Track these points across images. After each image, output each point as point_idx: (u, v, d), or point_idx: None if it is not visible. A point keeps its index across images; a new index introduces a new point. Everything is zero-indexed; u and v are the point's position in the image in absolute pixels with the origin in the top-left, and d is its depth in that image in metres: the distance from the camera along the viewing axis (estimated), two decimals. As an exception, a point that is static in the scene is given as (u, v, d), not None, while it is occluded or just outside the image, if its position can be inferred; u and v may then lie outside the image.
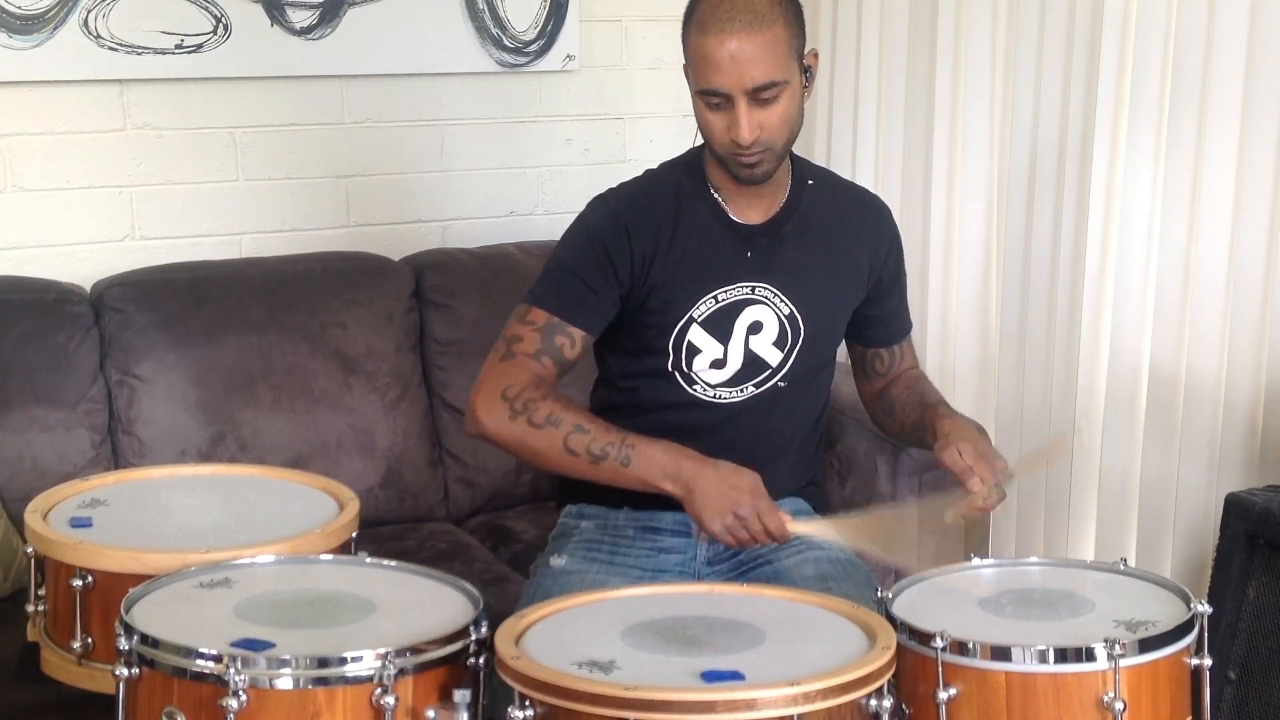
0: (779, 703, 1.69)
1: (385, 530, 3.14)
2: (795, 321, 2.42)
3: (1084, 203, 3.04)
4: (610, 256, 2.36)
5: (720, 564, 2.46)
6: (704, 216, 2.40)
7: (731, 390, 2.44)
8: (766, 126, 2.26)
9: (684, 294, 2.39)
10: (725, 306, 2.40)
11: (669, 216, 2.39)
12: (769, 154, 2.29)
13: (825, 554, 2.43)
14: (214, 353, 3.15)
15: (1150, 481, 3.00)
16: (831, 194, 2.51)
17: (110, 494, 2.31)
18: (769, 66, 2.22)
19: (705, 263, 2.39)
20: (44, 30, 3.18)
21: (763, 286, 2.41)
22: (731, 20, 2.21)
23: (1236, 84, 2.75)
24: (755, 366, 2.43)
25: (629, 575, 2.38)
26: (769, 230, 2.42)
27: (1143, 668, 1.88)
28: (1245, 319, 2.79)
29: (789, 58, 2.25)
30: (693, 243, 2.39)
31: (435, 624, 1.87)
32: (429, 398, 3.34)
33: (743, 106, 2.23)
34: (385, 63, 3.52)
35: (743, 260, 2.40)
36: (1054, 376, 3.17)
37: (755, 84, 2.22)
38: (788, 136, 2.31)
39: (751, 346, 2.42)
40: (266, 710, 1.76)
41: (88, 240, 3.32)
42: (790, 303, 2.42)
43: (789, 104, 2.27)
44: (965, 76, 3.31)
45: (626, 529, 2.47)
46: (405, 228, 3.63)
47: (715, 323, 2.40)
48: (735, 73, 2.21)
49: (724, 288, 2.39)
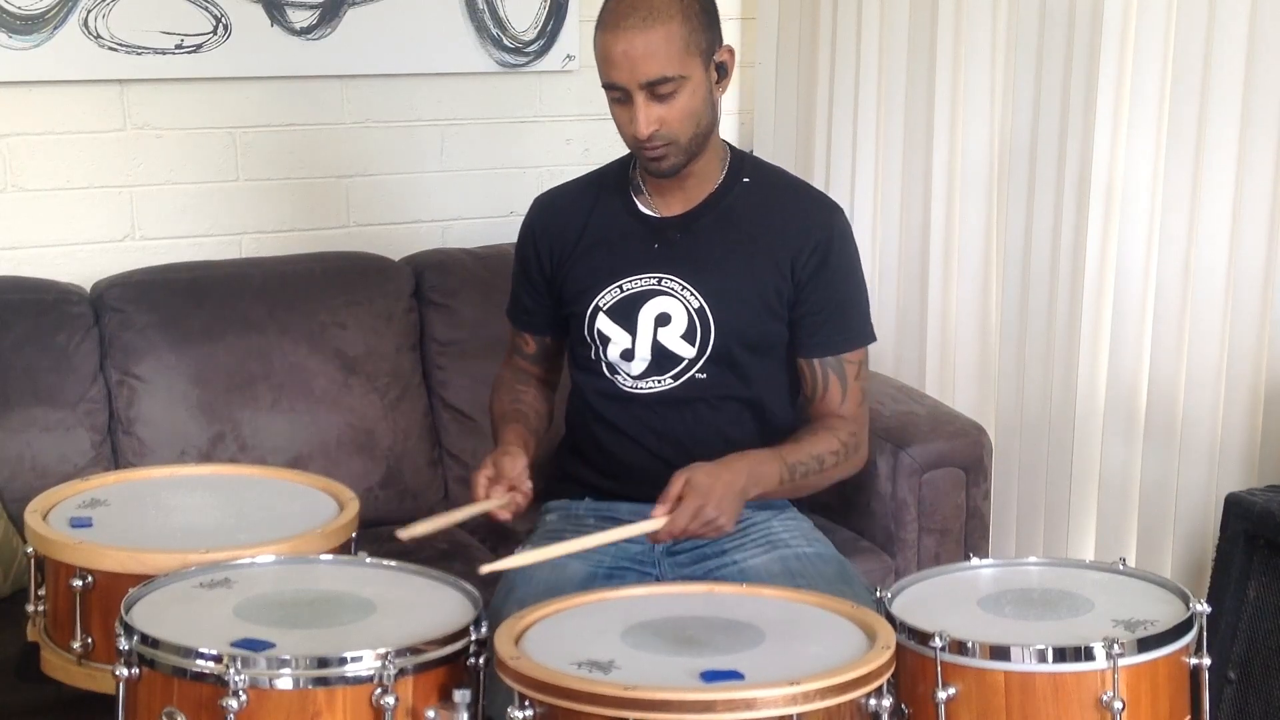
0: (778, 702, 1.69)
1: (385, 530, 3.14)
2: (705, 315, 2.43)
3: (1084, 203, 3.04)
4: (525, 264, 2.57)
5: (679, 555, 2.47)
6: (617, 209, 2.49)
7: (650, 381, 2.47)
8: (666, 121, 2.31)
9: (591, 283, 2.47)
10: (630, 296, 2.45)
11: (582, 212, 2.51)
12: (673, 147, 2.35)
13: (793, 550, 2.43)
14: (214, 353, 3.15)
15: (1150, 481, 3.00)
16: (768, 192, 2.49)
17: (110, 494, 2.32)
18: (662, 62, 2.28)
19: (612, 254, 2.47)
20: (44, 30, 3.18)
21: (669, 278, 2.44)
22: (626, 17, 2.28)
23: (1236, 83, 2.75)
24: (667, 359, 2.45)
25: (588, 561, 2.42)
26: (681, 224, 2.46)
27: (1142, 667, 1.88)
28: (1245, 319, 2.79)
29: (686, 54, 2.30)
30: (602, 234, 2.49)
31: (435, 624, 1.87)
32: (429, 398, 3.34)
33: (639, 101, 2.30)
34: (385, 63, 3.52)
35: (649, 251, 2.45)
36: (1054, 376, 3.17)
37: (648, 79, 2.28)
38: (693, 131, 2.35)
39: (660, 339, 2.44)
40: (266, 710, 1.76)
41: (88, 240, 3.32)
42: (700, 296, 2.43)
43: (690, 99, 2.32)
44: (965, 76, 3.31)
45: (587, 518, 2.52)
46: (405, 228, 3.63)
47: (620, 312, 2.45)
48: (628, 68, 2.28)
49: (629, 278, 2.45)
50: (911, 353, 3.53)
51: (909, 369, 3.51)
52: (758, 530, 2.47)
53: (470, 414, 3.29)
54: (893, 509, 3.06)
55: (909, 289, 3.52)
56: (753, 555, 2.43)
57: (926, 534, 3.06)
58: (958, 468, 3.08)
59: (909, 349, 3.53)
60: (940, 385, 3.46)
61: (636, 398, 2.47)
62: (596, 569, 2.41)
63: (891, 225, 3.55)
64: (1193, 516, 2.91)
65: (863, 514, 3.11)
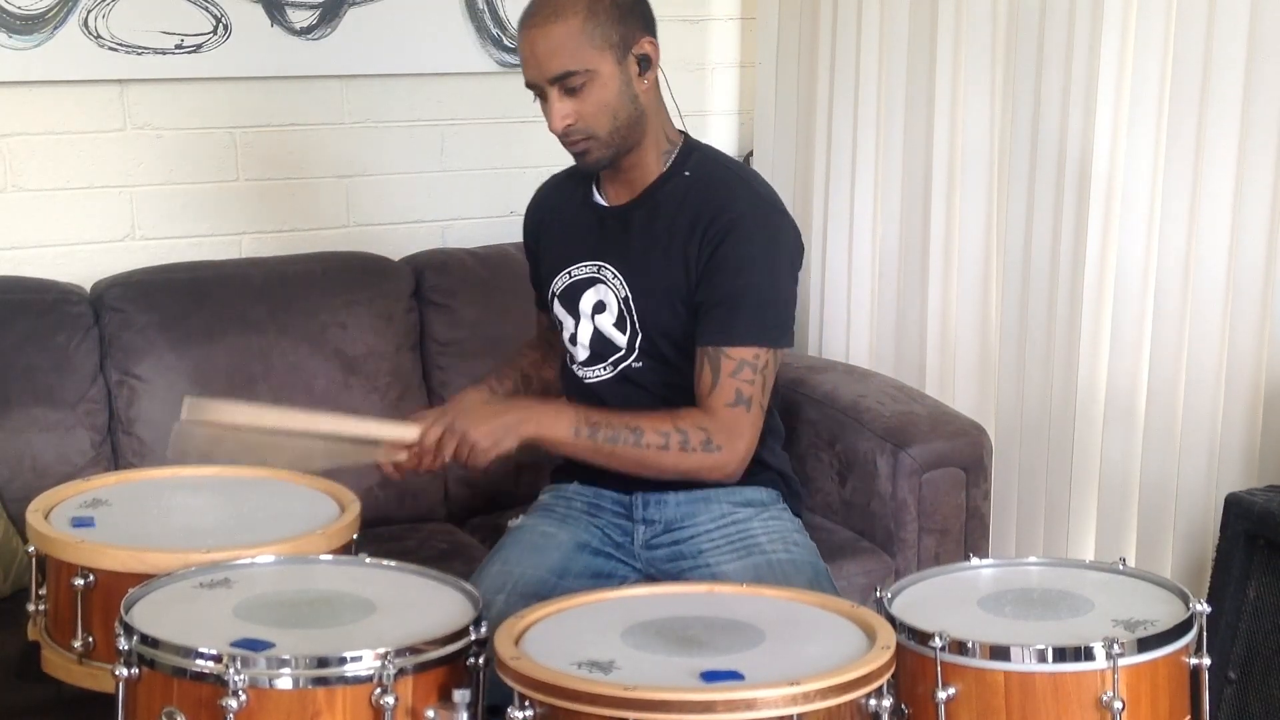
0: (778, 702, 1.69)
1: (385, 530, 3.14)
2: (629, 305, 2.47)
3: (1084, 203, 3.04)
4: (526, 242, 2.70)
5: (658, 548, 2.50)
6: (578, 198, 2.56)
7: (592, 369, 2.52)
8: (581, 115, 2.36)
9: (550, 268, 2.57)
10: (575, 283, 2.52)
11: (558, 198, 2.62)
12: (593, 141, 2.39)
13: (766, 557, 2.42)
14: (214, 353, 3.15)
15: (1150, 481, 3.00)
16: (698, 186, 2.45)
17: (111, 494, 2.32)
18: (564, 58, 2.32)
19: (566, 240, 2.55)
20: (44, 30, 3.18)
21: (605, 267, 2.49)
22: (533, 16, 2.36)
23: (1236, 83, 2.75)
24: (605, 346, 2.49)
25: (577, 537, 2.50)
26: (619, 213, 2.50)
27: (1141, 667, 1.88)
28: (1245, 319, 2.79)
29: (590, 48, 2.33)
30: (563, 221, 2.58)
31: (435, 624, 1.87)
32: (429, 398, 3.34)
33: (551, 96, 2.36)
34: (385, 63, 3.52)
35: (592, 239, 2.52)
36: (1054, 376, 3.17)
37: (553, 74, 2.34)
38: (610, 124, 2.37)
39: (598, 326, 2.49)
40: (266, 710, 1.76)
41: (88, 240, 3.32)
42: (626, 285, 2.47)
43: (603, 93, 2.35)
44: (965, 76, 3.31)
45: (575, 500, 2.57)
46: (405, 228, 3.63)
47: (566, 298, 2.53)
48: (535, 65, 2.36)
49: (576, 264, 2.52)
50: (911, 353, 3.53)
51: (909, 369, 3.51)
52: (736, 530, 2.47)
53: (470, 414, 3.29)
54: (893, 509, 3.06)
55: (909, 289, 3.52)
56: (726, 560, 2.43)
57: (926, 534, 3.06)
58: (958, 468, 3.08)
59: (909, 349, 3.53)
60: (940, 385, 3.46)
61: (587, 384, 2.52)
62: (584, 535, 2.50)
63: (891, 225, 3.55)
64: (1193, 516, 2.91)
65: (863, 514, 3.12)
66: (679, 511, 2.49)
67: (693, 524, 2.48)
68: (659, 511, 2.50)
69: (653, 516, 2.50)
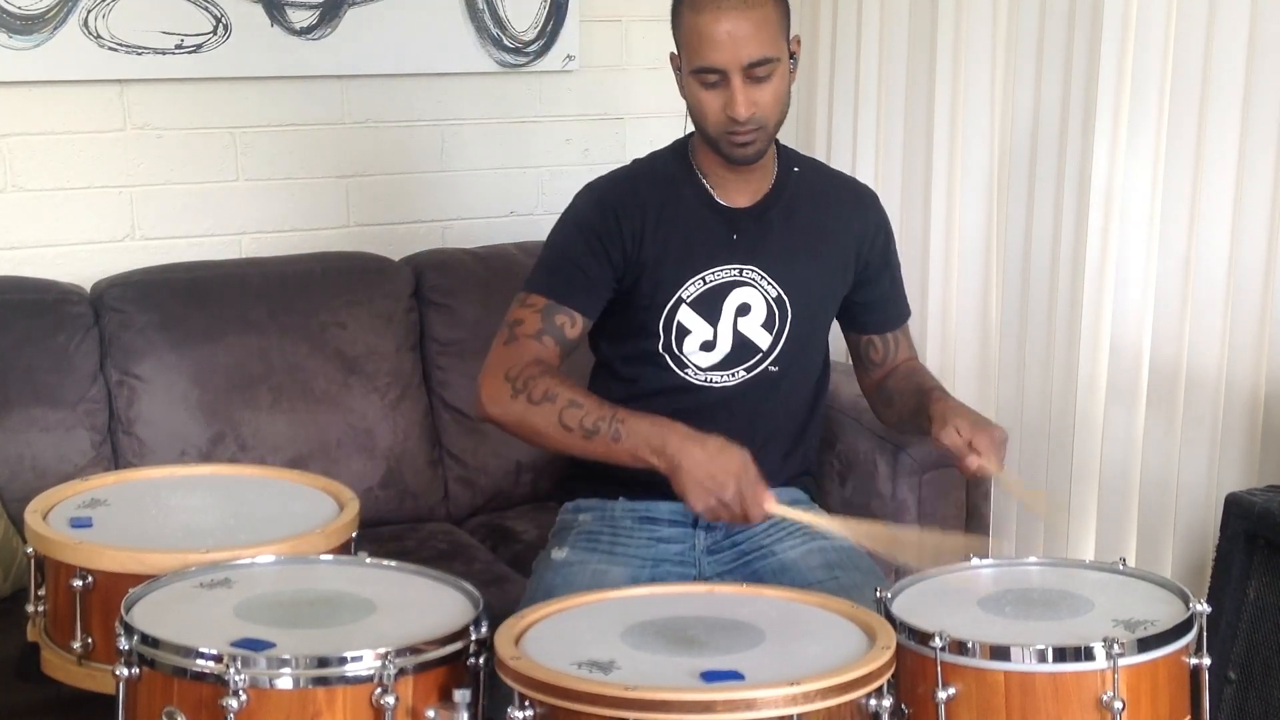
0: (778, 702, 1.69)
1: (385, 530, 3.15)
2: (783, 304, 2.46)
3: (1084, 201, 3.04)
4: (601, 239, 2.41)
5: (721, 553, 2.48)
6: (690, 199, 2.46)
7: (722, 374, 2.47)
8: (760, 104, 2.32)
9: (673, 274, 2.43)
10: (714, 288, 2.44)
11: (655, 198, 2.45)
12: (762, 133, 2.35)
13: (830, 544, 2.45)
14: (214, 353, 3.15)
15: (1150, 481, 3.00)
16: (818, 180, 2.56)
17: (110, 494, 2.31)
18: (763, 43, 2.28)
19: (692, 244, 2.44)
20: (44, 30, 3.18)
21: (749, 269, 2.45)
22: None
23: (1237, 84, 2.75)
24: (745, 349, 2.46)
25: (630, 565, 2.42)
26: (755, 214, 2.47)
27: (1142, 667, 1.88)
28: (1245, 318, 2.79)
29: (780, 36, 2.32)
30: (680, 225, 2.44)
31: (435, 624, 1.87)
32: (429, 398, 3.34)
33: (738, 83, 2.29)
34: (385, 63, 3.52)
35: (729, 242, 2.45)
36: (1054, 375, 3.17)
37: (751, 60, 2.28)
38: (779, 116, 2.37)
39: (740, 328, 2.45)
40: (266, 710, 1.76)
41: (88, 240, 3.32)
42: (777, 285, 2.46)
43: (780, 82, 2.34)
44: (965, 75, 3.31)
45: (624, 519, 2.49)
46: (405, 228, 3.63)
47: (704, 304, 2.44)
48: (731, 49, 2.27)
49: (712, 269, 2.44)
50: (911, 352, 3.52)
51: (909, 369, 3.51)
52: (791, 522, 2.47)
53: (470, 414, 3.29)
54: (893, 509, 3.06)
55: (909, 288, 3.49)
56: (791, 547, 2.46)
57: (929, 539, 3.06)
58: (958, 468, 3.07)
59: (909, 349, 3.53)
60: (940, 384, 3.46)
61: (702, 390, 2.47)
62: (638, 574, 2.41)
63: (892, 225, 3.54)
64: (1193, 516, 2.91)
65: (863, 514, 3.11)
66: None
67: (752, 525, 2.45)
68: None
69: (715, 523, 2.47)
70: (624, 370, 2.51)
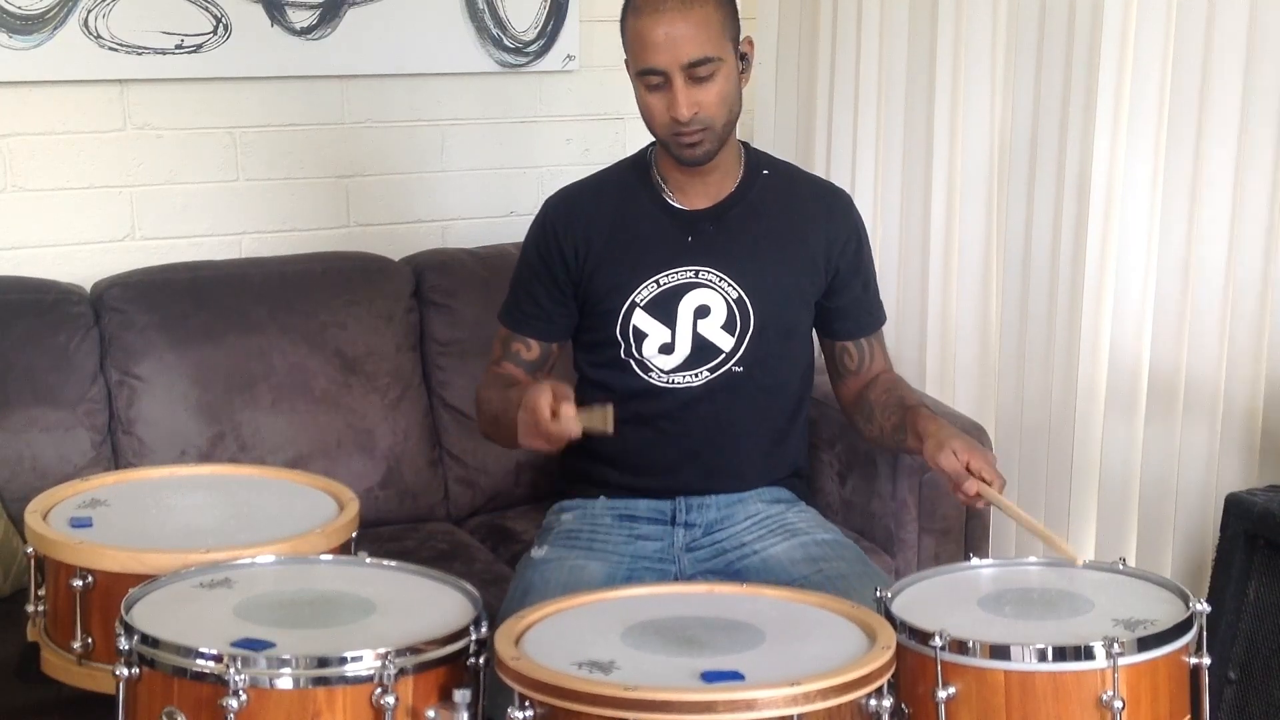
0: (779, 703, 1.69)
1: (385, 530, 3.14)
2: (744, 305, 2.46)
3: (1084, 203, 3.04)
4: (545, 260, 2.53)
5: (699, 550, 2.49)
6: (645, 204, 2.50)
7: (685, 375, 2.49)
8: (704, 104, 2.34)
9: (625, 279, 2.47)
10: (668, 290, 2.46)
11: (607, 207, 2.52)
12: (709, 133, 2.37)
13: (811, 538, 2.47)
14: (214, 353, 3.15)
15: (1150, 481, 3.00)
16: (787, 184, 2.57)
17: (110, 494, 2.32)
18: (702, 43, 2.31)
19: (645, 248, 2.47)
20: (44, 30, 3.18)
21: (706, 270, 2.46)
22: (665, 1, 2.31)
23: (1236, 83, 2.75)
24: (706, 350, 2.47)
25: (608, 561, 2.45)
26: (712, 216, 2.48)
27: (1141, 666, 1.88)
28: (1245, 318, 2.79)
29: (722, 37, 2.34)
30: (633, 230, 2.49)
31: (435, 624, 1.87)
32: (429, 398, 3.34)
33: (679, 83, 2.32)
34: (385, 63, 3.52)
35: (684, 245, 2.47)
36: (1054, 376, 3.17)
37: (691, 59, 2.31)
38: (726, 116, 2.38)
39: (700, 330, 2.47)
40: (266, 710, 1.76)
41: (88, 240, 3.32)
42: (738, 286, 2.46)
43: (724, 83, 2.35)
44: (965, 76, 3.31)
45: (604, 517, 2.53)
46: (405, 228, 3.63)
47: (659, 306, 2.46)
48: (670, 50, 2.31)
49: (665, 271, 2.46)
50: (911, 352, 3.52)
51: (909, 369, 3.51)
52: (773, 521, 2.50)
53: (470, 414, 3.29)
54: (893, 509, 3.06)
55: (909, 289, 3.52)
56: (772, 544, 2.47)
57: (926, 534, 3.06)
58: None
59: (909, 349, 3.53)
60: (940, 385, 3.46)
61: (668, 392, 2.49)
62: (615, 570, 2.42)
63: (891, 225, 3.55)
64: (1193, 516, 2.91)
65: (863, 514, 3.11)
66: (719, 514, 2.52)
67: (731, 524, 2.51)
68: (700, 515, 2.51)
69: (694, 520, 2.51)
70: (595, 376, 2.56)
